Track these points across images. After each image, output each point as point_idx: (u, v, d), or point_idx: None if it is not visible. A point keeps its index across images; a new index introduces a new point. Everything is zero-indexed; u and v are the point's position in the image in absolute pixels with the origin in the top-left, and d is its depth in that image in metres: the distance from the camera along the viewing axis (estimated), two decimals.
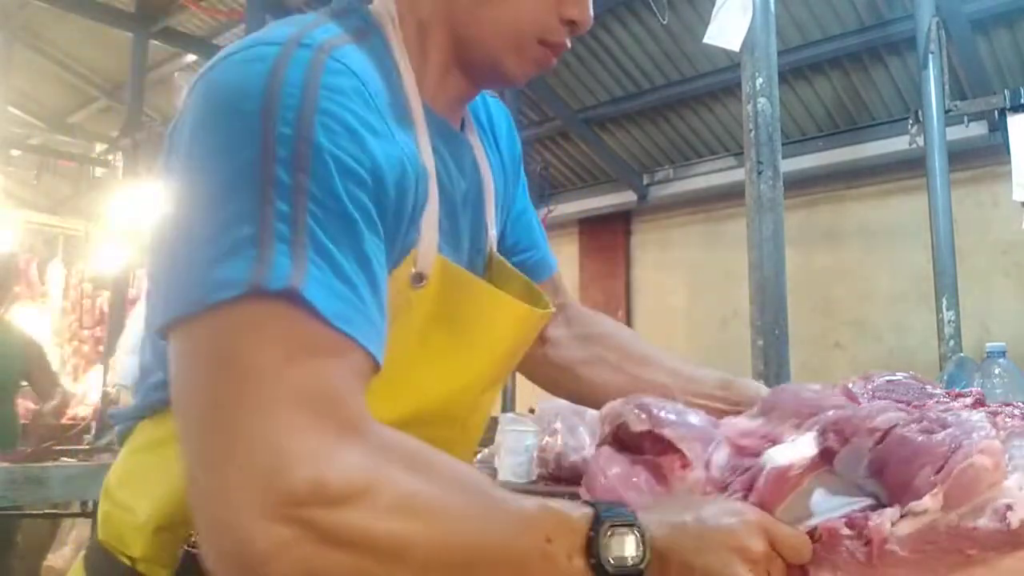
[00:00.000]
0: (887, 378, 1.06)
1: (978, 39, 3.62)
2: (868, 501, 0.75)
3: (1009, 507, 0.66)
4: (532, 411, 2.35)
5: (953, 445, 0.71)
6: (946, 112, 2.96)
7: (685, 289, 5.26)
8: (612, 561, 0.61)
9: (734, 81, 2.97)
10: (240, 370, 0.55)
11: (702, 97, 4.56)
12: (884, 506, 0.73)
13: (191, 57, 5.20)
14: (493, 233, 0.89)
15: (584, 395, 1.09)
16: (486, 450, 2.31)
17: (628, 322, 5.45)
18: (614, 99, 4.78)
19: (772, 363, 1.96)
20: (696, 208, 5.18)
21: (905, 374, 1.09)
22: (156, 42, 4.71)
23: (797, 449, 0.77)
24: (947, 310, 2.90)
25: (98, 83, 6.16)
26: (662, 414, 0.84)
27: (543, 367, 1.08)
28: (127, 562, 0.75)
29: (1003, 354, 1.86)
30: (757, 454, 0.78)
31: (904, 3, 3.58)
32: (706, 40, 2.21)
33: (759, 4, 2.11)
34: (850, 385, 1.01)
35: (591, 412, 1.82)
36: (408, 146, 0.70)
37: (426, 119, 0.76)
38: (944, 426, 0.74)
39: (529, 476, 2.15)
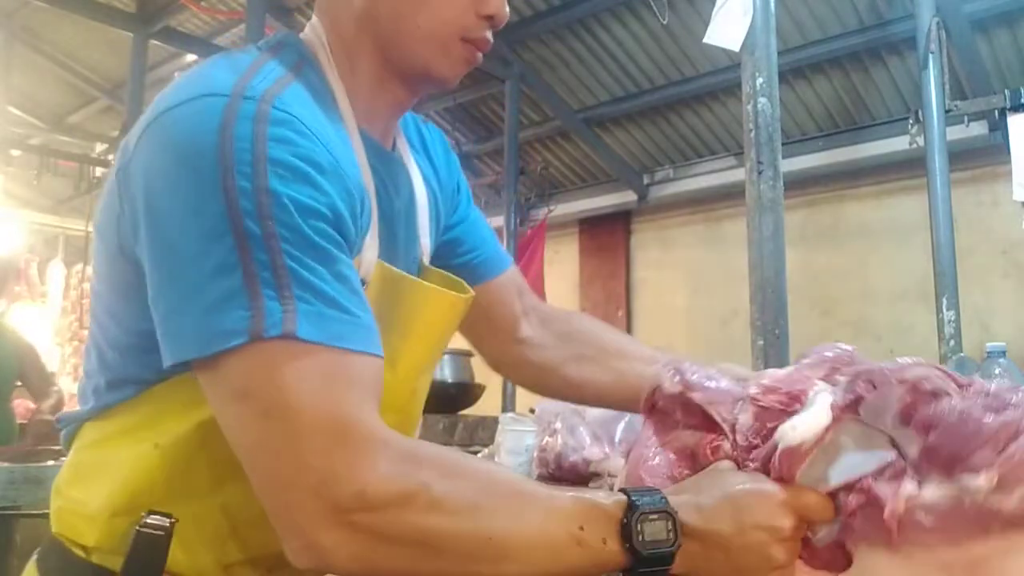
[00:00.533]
0: None
1: (978, 39, 3.62)
2: (891, 456, 0.75)
3: None
4: (532, 411, 2.35)
5: (1004, 420, 0.71)
6: (946, 112, 2.96)
7: (685, 289, 5.26)
8: (646, 544, 0.67)
9: (734, 81, 2.97)
10: (263, 408, 0.64)
11: (702, 97, 4.55)
12: (905, 460, 0.74)
13: (191, 57, 5.20)
14: (426, 242, 0.95)
15: (571, 393, 1.14)
16: (486, 450, 2.31)
17: (628, 322, 5.45)
18: (614, 99, 4.78)
19: (772, 363, 1.96)
20: (696, 208, 5.18)
21: None
22: (156, 42, 4.70)
23: (810, 420, 0.77)
24: (947, 310, 2.90)
25: (98, 83, 6.16)
26: (693, 378, 0.95)
27: (525, 368, 1.13)
28: (81, 553, 0.78)
29: (1003, 354, 1.86)
30: (781, 414, 0.81)
31: (904, 3, 3.58)
32: (706, 40, 2.21)
33: (759, 4, 2.11)
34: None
35: (591, 412, 1.82)
36: (353, 173, 0.76)
37: (363, 142, 0.81)
38: (1004, 406, 0.74)
39: (529, 476, 2.15)
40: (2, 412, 3.79)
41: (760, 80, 2.06)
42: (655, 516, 0.68)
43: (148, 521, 0.74)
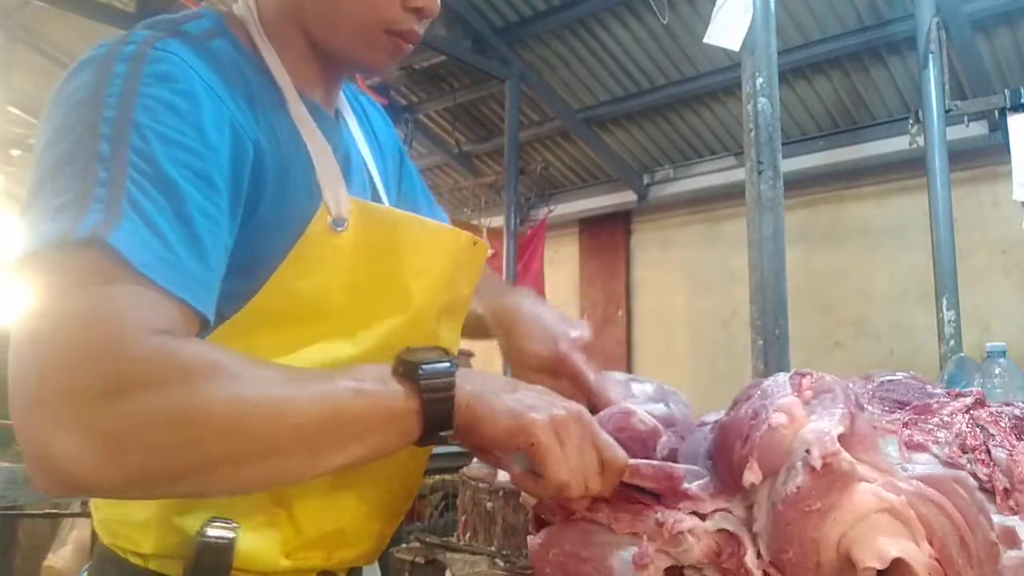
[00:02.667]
0: (887, 378, 1.06)
1: (978, 39, 3.62)
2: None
3: (807, 451, 0.67)
4: None
5: (752, 414, 0.72)
6: (946, 112, 2.96)
7: (685, 289, 5.26)
8: (424, 367, 0.67)
9: (734, 81, 2.97)
10: (39, 310, 0.59)
11: (702, 97, 4.55)
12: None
13: None
14: (387, 202, 0.95)
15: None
16: None
17: (628, 322, 5.45)
18: (614, 99, 4.77)
19: (772, 363, 1.96)
20: (696, 208, 5.18)
21: (905, 374, 1.09)
22: None
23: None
24: (947, 310, 2.90)
25: None
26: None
27: None
28: (139, 562, 0.78)
29: (1003, 354, 1.86)
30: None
31: (904, 3, 3.58)
32: (706, 40, 2.21)
33: (759, 4, 2.11)
34: (850, 385, 1.01)
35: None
36: (264, 107, 0.77)
37: (303, 103, 0.83)
38: (747, 399, 0.75)
39: None
40: (3, 412, 3.79)
41: (760, 80, 2.07)
42: (430, 351, 0.70)
43: (208, 531, 0.74)
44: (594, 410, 0.94)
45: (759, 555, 0.70)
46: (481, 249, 0.95)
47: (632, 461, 0.75)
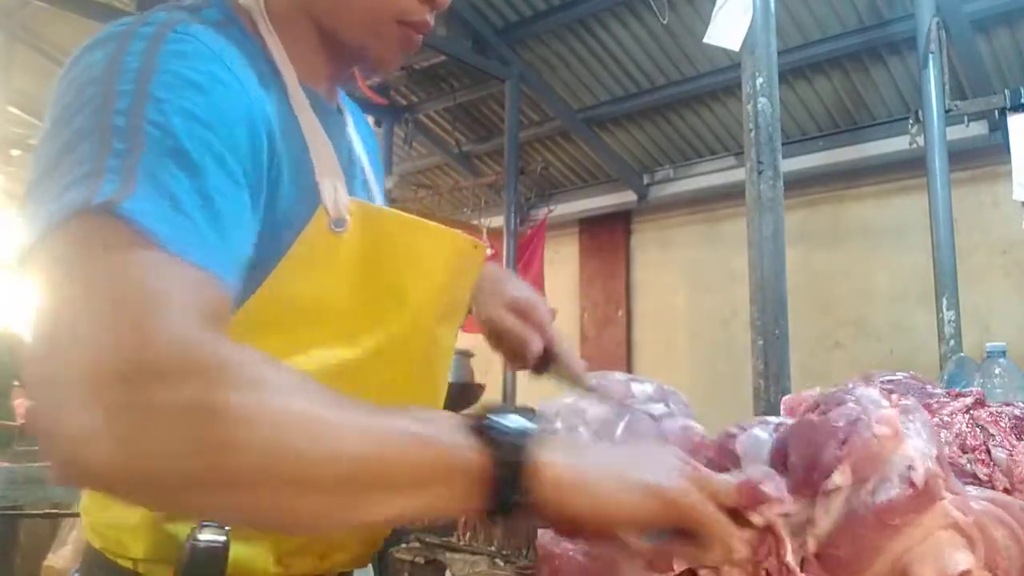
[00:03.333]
0: (887, 378, 1.06)
1: (978, 39, 3.62)
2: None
3: (911, 467, 0.67)
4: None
5: (852, 419, 0.72)
6: (946, 112, 2.96)
7: (685, 289, 5.26)
8: (503, 431, 0.57)
9: (734, 81, 2.97)
10: (58, 281, 0.55)
11: (702, 97, 4.55)
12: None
13: None
14: (379, 200, 0.94)
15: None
16: None
17: (628, 322, 5.45)
18: (614, 99, 4.77)
19: (772, 363, 1.96)
20: (696, 208, 5.18)
21: (905, 374, 1.09)
22: None
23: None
24: (947, 310, 2.90)
25: None
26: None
27: None
28: (129, 565, 0.76)
29: (1003, 354, 1.86)
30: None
31: (904, 3, 3.57)
32: (706, 40, 2.21)
33: (759, 4, 2.11)
34: (850, 385, 1.01)
35: (591, 411, 1.82)
36: (271, 99, 0.73)
37: (305, 95, 0.80)
38: (840, 404, 0.75)
39: None
40: (3, 412, 3.80)
41: (760, 80, 2.07)
42: (513, 415, 0.60)
43: (201, 537, 0.70)
44: (548, 356, 1.01)
45: (805, 546, 0.69)
46: (480, 252, 0.92)
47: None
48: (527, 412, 0.61)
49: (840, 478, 0.69)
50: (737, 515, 0.66)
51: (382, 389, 0.78)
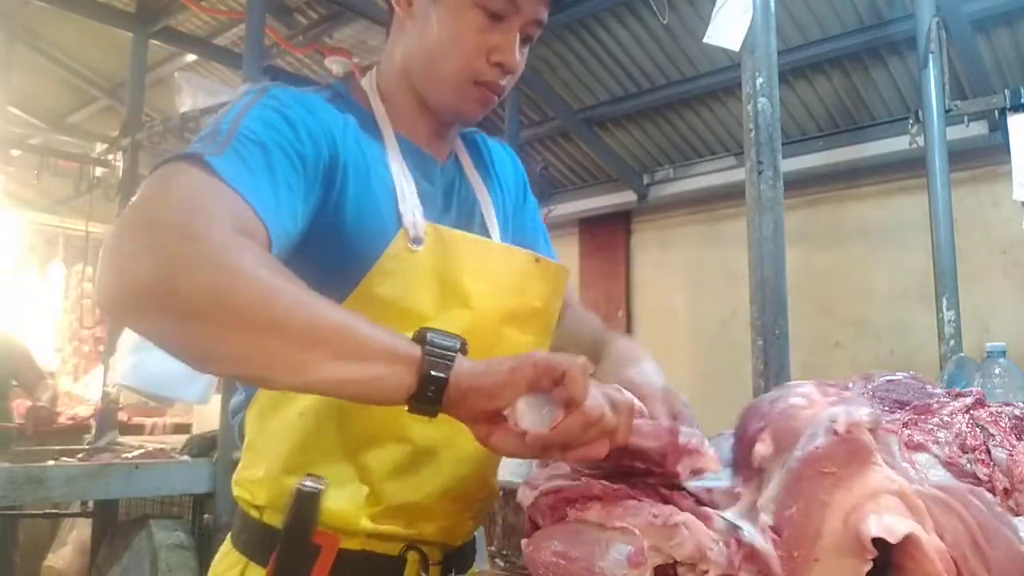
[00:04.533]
0: (887, 378, 1.07)
1: (978, 39, 3.62)
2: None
3: (834, 420, 0.70)
4: None
5: (771, 399, 0.77)
6: (946, 112, 2.96)
7: (685, 289, 5.26)
8: (432, 334, 0.76)
9: (734, 81, 2.97)
10: (153, 181, 0.78)
11: (702, 97, 4.55)
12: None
13: (191, 57, 5.19)
14: (495, 234, 1.12)
15: None
16: None
17: (628, 322, 5.45)
18: (614, 99, 4.77)
19: (772, 363, 1.96)
20: (696, 208, 5.18)
21: (905, 374, 1.09)
22: (156, 42, 4.70)
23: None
24: (947, 310, 2.90)
25: (98, 83, 6.15)
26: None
27: None
28: (255, 514, 0.99)
29: (1003, 354, 1.86)
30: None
31: (904, 3, 3.57)
32: (706, 40, 2.21)
33: (759, 4, 2.11)
34: (850, 385, 1.02)
35: None
36: (356, 144, 0.98)
37: (397, 142, 1.04)
38: (768, 395, 0.81)
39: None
40: (1, 412, 3.80)
41: (760, 80, 2.06)
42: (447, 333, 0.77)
43: (304, 483, 0.91)
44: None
45: (761, 529, 0.70)
46: (547, 267, 1.09)
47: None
48: (460, 338, 0.77)
49: (762, 447, 0.72)
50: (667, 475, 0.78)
51: None
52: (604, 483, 0.83)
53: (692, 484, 0.79)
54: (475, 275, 1.00)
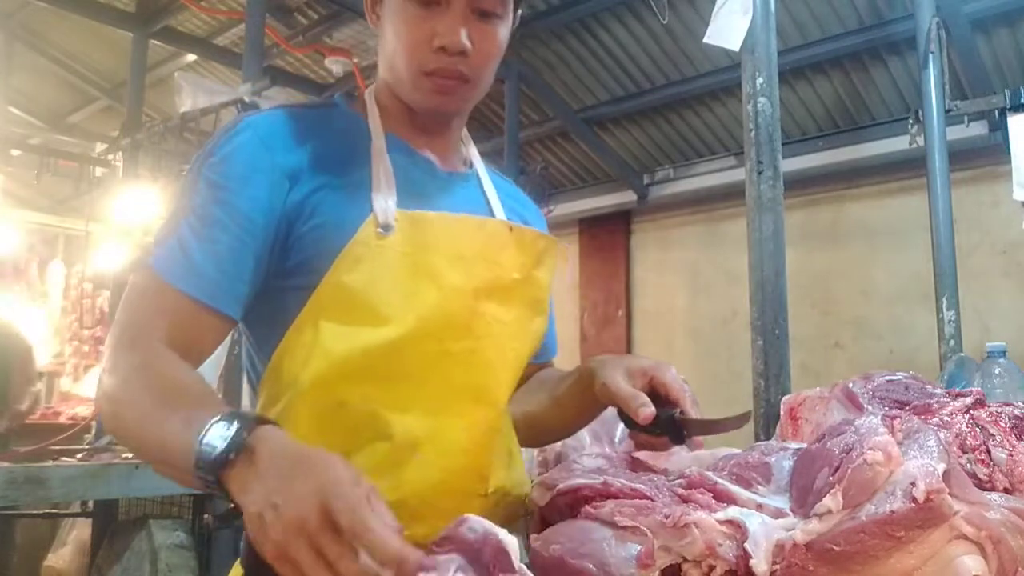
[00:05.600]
0: (887, 378, 1.06)
1: (978, 39, 3.62)
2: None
3: (913, 484, 0.67)
4: None
5: (846, 447, 0.72)
6: (946, 112, 2.96)
7: (685, 289, 5.26)
8: (204, 442, 0.73)
9: (734, 81, 2.96)
10: (119, 310, 0.95)
11: (702, 97, 4.55)
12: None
13: (191, 57, 5.19)
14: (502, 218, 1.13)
15: (530, 435, 1.25)
16: None
17: (628, 322, 5.45)
18: (614, 99, 4.77)
19: (772, 363, 1.96)
20: (696, 208, 5.18)
21: (905, 374, 1.09)
22: (156, 42, 4.70)
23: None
24: (947, 310, 2.89)
25: (98, 83, 6.15)
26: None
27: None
28: None
29: (1003, 354, 1.86)
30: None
31: (904, 3, 3.57)
32: (706, 40, 2.21)
33: (759, 4, 2.11)
34: (850, 385, 1.01)
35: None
36: (326, 152, 1.02)
37: (388, 142, 1.06)
38: (839, 434, 0.75)
39: (529, 476, 2.14)
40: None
41: (760, 80, 2.06)
42: (224, 424, 0.74)
43: None
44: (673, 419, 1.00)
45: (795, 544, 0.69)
46: (522, 235, 1.09)
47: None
48: (251, 421, 0.75)
49: (832, 503, 0.69)
50: None
51: (425, 362, 0.98)
52: (623, 482, 0.83)
53: (745, 495, 0.78)
54: (445, 253, 1.00)
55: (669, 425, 0.99)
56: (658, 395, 1.01)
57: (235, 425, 0.72)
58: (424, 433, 0.96)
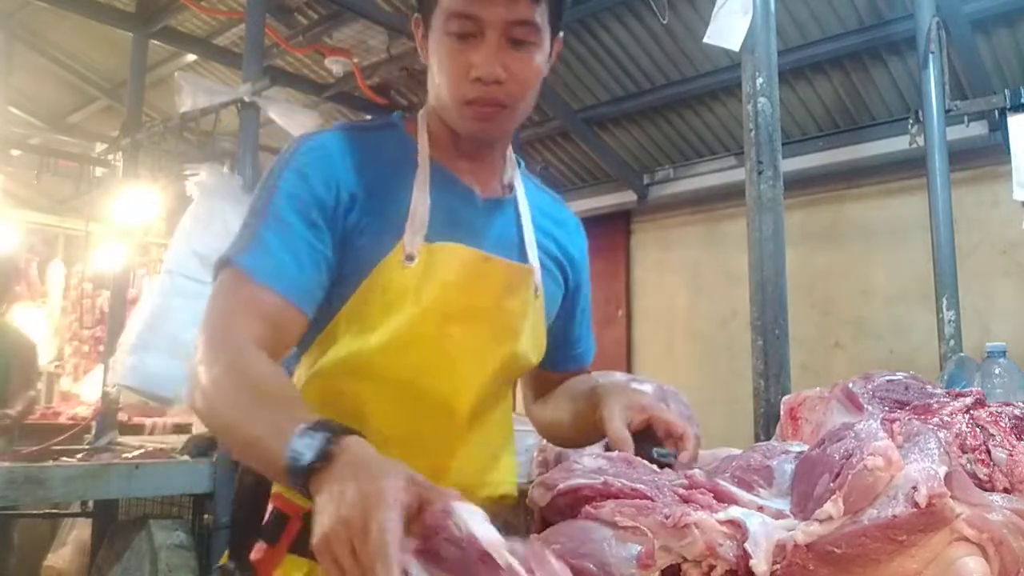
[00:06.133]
0: (887, 378, 1.06)
1: (978, 39, 3.62)
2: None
3: (915, 488, 0.67)
4: None
5: (846, 453, 0.72)
6: (946, 112, 2.96)
7: (685, 289, 5.26)
8: (294, 449, 0.80)
9: (734, 81, 2.96)
10: (206, 309, 1.04)
11: (702, 97, 4.55)
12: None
13: (191, 57, 5.19)
14: (535, 263, 1.20)
15: (549, 433, 1.43)
16: None
17: (628, 322, 5.45)
18: (614, 99, 4.77)
19: (772, 363, 1.96)
20: (696, 208, 5.18)
21: (905, 374, 1.09)
22: (156, 42, 4.70)
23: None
24: (947, 310, 2.89)
25: (98, 83, 6.15)
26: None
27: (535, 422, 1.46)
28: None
29: (1003, 354, 1.86)
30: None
31: (904, 3, 3.57)
32: (706, 40, 2.21)
33: (759, 4, 2.11)
34: (850, 385, 1.01)
35: None
36: (380, 175, 1.12)
37: (432, 167, 1.14)
38: (838, 440, 0.75)
39: (529, 476, 2.15)
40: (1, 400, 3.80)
41: (760, 80, 2.06)
42: (311, 434, 0.81)
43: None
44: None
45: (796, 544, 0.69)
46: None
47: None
48: (338, 431, 0.82)
49: (832, 509, 0.69)
50: None
51: (399, 377, 1.09)
52: (623, 482, 0.83)
53: (747, 496, 0.78)
54: (436, 280, 1.10)
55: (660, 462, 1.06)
56: (655, 431, 1.10)
57: (321, 435, 0.80)
58: (392, 432, 1.07)
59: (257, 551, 0.93)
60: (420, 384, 1.10)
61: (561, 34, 1.18)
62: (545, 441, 2.10)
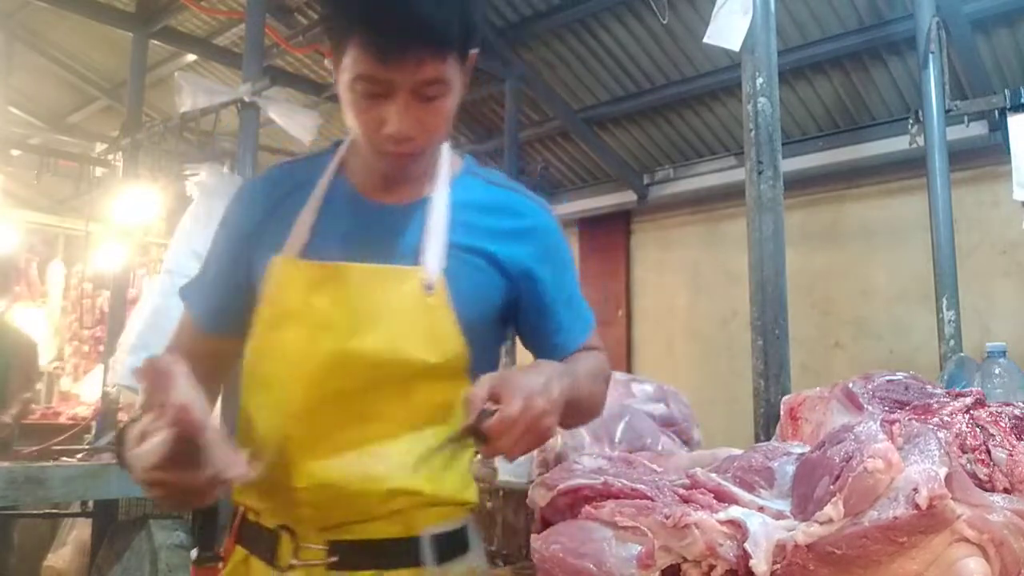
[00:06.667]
0: (887, 378, 1.06)
1: (978, 39, 3.62)
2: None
3: (916, 490, 0.67)
4: None
5: (846, 455, 0.72)
6: (946, 112, 2.96)
7: (685, 289, 5.26)
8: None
9: (734, 81, 2.96)
10: None
11: (702, 97, 4.55)
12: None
13: (191, 57, 5.19)
14: (432, 265, 1.14)
15: None
16: None
17: (628, 322, 5.45)
18: (614, 99, 4.77)
19: (772, 363, 1.96)
20: (696, 208, 5.18)
21: (905, 374, 1.09)
22: (156, 42, 4.70)
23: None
24: (947, 310, 2.89)
25: (98, 83, 6.15)
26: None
27: None
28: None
29: (1003, 354, 1.85)
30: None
31: (904, 3, 3.57)
32: (706, 40, 2.21)
33: (759, 4, 2.11)
34: (850, 385, 1.01)
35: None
36: (286, 199, 1.22)
37: (333, 183, 1.21)
38: (838, 442, 0.75)
39: (529, 476, 2.14)
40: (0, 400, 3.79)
41: (760, 80, 2.06)
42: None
43: None
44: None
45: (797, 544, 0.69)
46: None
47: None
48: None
49: (833, 511, 0.69)
50: None
51: (265, 379, 1.16)
52: (623, 482, 0.83)
53: (747, 497, 0.78)
54: (270, 291, 1.18)
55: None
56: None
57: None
58: (268, 423, 1.19)
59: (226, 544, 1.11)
60: (268, 382, 1.17)
61: (476, 50, 1.12)
62: None
